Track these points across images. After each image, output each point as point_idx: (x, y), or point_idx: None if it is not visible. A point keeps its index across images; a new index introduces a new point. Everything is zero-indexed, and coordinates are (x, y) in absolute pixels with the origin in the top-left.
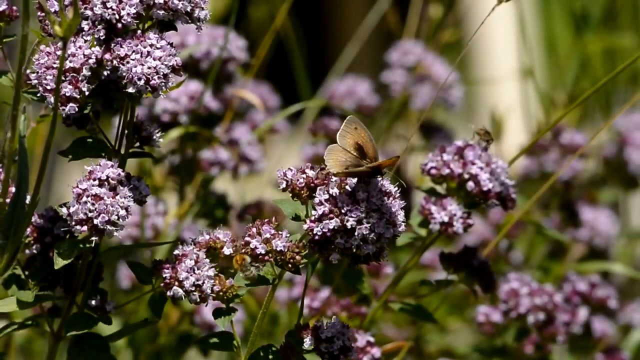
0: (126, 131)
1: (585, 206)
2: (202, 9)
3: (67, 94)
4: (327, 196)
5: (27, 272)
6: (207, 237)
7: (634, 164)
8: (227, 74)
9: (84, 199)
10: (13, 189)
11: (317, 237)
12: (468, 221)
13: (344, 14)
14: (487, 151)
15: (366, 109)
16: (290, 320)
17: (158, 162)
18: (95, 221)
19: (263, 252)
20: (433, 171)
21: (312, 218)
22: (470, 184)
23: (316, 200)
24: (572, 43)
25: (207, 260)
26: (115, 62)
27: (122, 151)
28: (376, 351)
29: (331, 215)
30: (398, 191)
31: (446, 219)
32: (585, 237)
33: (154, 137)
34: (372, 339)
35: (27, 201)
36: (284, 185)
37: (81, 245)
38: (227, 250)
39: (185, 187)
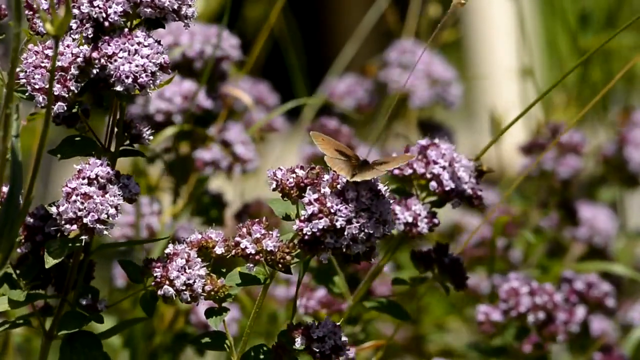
0: (116, 129)
1: (584, 204)
2: (190, 6)
3: (56, 93)
4: (316, 196)
5: (18, 271)
6: (199, 236)
7: (634, 163)
8: (221, 73)
9: (73, 197)
10: (6, 189)
11: (307, 237)
12: (434, 220)
13: (343, 13)
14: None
15: (366, 108)
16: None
17: (152, 162)
18: (85, 220)
19: (253, 252)
20: (396, 171)
21: (302, 218)
22: (433, 184)
23: (305, 199)
24: (572, 43)
25: (199, 259)
26: (103, 60)
27: (113, 149)
28: (350, 351)
29: (320, 215)
30: (388, 190)
31: (410, 219)
32: (584, 235)
33: (144, 135)
34: (345, 338)
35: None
36: (274, 186)
37: (71, 244)
38: (218, 250)
39: (180, 186)
